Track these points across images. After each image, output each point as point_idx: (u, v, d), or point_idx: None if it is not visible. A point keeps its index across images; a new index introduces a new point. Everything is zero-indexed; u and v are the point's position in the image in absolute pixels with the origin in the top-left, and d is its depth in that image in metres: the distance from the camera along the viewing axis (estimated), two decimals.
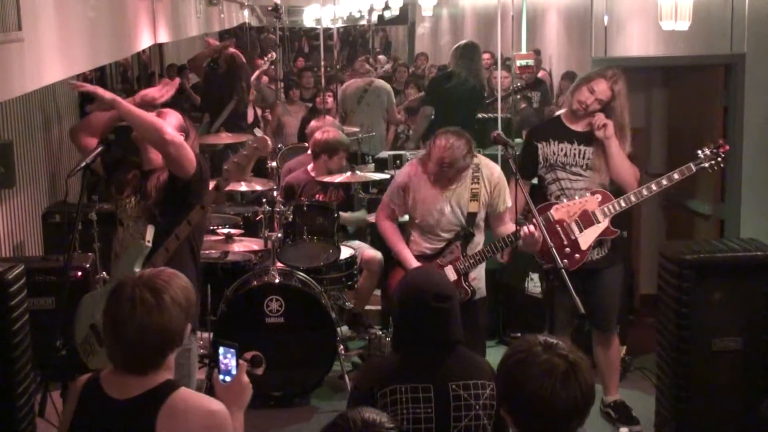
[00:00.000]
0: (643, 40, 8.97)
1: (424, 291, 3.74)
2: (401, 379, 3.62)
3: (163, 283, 3.02)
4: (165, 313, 2.96)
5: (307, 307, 6.45)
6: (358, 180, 7.55)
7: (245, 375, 3.21)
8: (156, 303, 2.96)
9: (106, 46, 7.07)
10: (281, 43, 21.30)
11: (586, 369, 2.67)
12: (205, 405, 3.00)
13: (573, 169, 5.78)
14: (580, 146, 5.79)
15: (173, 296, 3.00)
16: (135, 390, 2.99)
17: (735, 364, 5.36)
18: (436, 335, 3.71)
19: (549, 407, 2.61)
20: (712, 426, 5.36)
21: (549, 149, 5.84)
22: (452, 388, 3.62)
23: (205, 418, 2.96)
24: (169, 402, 2.96)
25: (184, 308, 3.02)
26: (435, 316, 3.69)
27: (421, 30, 24.49)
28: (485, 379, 3.69)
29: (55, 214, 8.43)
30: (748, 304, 5.34)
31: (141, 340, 2.95)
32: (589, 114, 5.74)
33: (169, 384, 3.01)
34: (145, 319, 2.94)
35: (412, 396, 3.59)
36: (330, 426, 2.68)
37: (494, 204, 5.49)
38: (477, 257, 5.44)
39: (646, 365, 6.74)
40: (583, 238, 5.62)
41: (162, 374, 3.02)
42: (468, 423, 3.61)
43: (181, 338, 3.05)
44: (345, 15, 25.05)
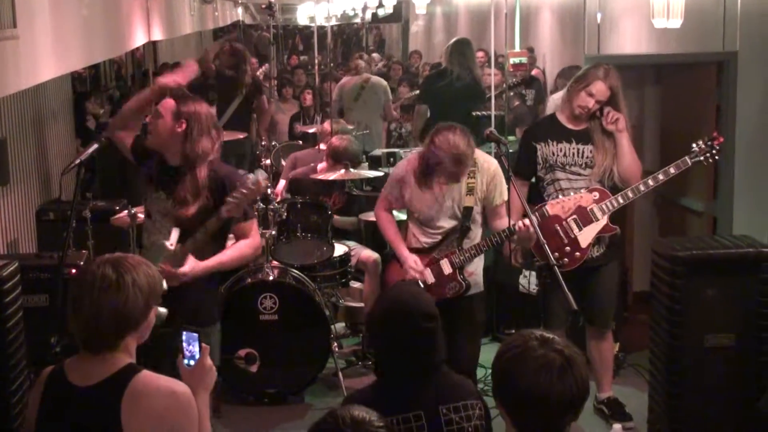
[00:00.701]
0: (635, 37, 8.98)
1: (412, 312, 3.56)
2: (391, 410, 3.34)
3: (129, 265, 3.06)
4: (122, 292, 3.00)
5: (301, 304, 6.46)
6: (351, 177, 7.56)
7: (208, 358, 3.26)
8: (115, 281, 3.00)
9: (101, 43, 7.08)
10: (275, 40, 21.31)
11: (581, 364, 2.69)
12: (168, 386, 3.03)
13: (572, 169, 5.81)
14: (579, 145, 5.81)
15: (135, 279, 3.03)
16: (97, 376, 3.02)
17: (728, 361, 5.37)
18: (424, 356, 3.54)
19: (545, 401, 2.63)
20: (705, 422, 5.38)
21: (548, 150, 5.85)
22: (443, 412, 3.47)
23: (168, 399, 2.99)
24: (131, 386, 2.99)
25: (144, 293, 3.05)
26: (423, 337, 3.54)
27: (414, 28, 24.47)
28: (473, 398, 3.57)
29: (48, 212, 8.43)
30: (740, 300, 5.36)
31: (97, 316, 2.98)
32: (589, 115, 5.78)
33: (130, 368, 3.04)
34: (102, 295, 2.98)
35: (404, 427, 3.42)
36: (319, 423, 2.69)
37: (490, 197, 5.49)
38: (472, 251, 5.45)
39: (639, 362, 6.75)
40: (583, 236, 5.65)
41: (121, 358, 3.05)
42: None
43: (138, 323, 3.07)
44: (339, 13, 25.05)
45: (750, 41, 7.06)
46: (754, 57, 7.02)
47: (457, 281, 5.46)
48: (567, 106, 5.90)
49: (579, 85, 5.82)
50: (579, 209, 5.56)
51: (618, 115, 5.69)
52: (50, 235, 8.19)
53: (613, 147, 5.78)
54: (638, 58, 8.43)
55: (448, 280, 5.44)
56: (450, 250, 5.47)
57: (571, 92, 5.87)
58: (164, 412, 2.98)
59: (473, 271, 5.55)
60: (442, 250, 5.48)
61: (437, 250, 5.49)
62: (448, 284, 5.45)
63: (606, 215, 5.68)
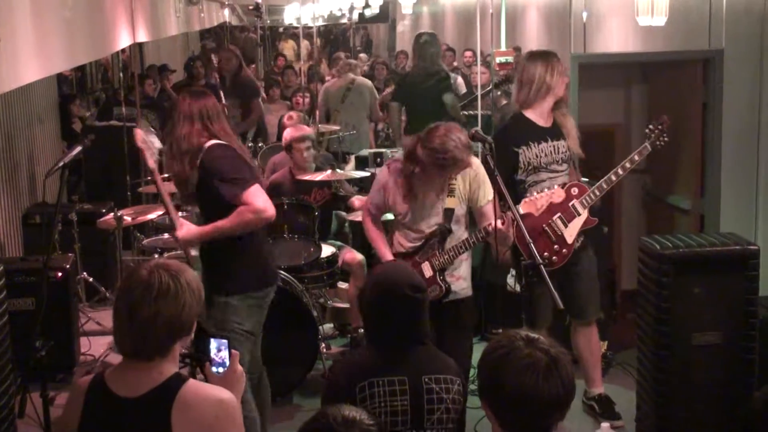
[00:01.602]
0: (622, 36, 8.99)
1: (399, 281, 3.80)
2: (378, 372, 3.69)
3: (178, 269, 3.05)
4: (180, 296, 2.99)
5: (288, 305, 6.43)
6: (337, 178, 7.55)
7: (238, 364, 3.24)
8: (173, 285, 2.98)
9: (84, 45, 7.04)
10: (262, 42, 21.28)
11: (567, 363, 2.68)
12: (215, 394, 3.02)
13: (552, 167, 5.83)
14: (554, 142, 5.86)
15: (189, 283, 3.03)
16: (144, 386, 2.99)
17: (715, 358, 5.38)
18: (409, 326, 3.79)
19: (531, 401, 2.61)
20: (693, 420, 5.38)
21: (531, 152, 5.84)
22: (425, 381, 3.70)
23: (216, 407, 2.98)
24: (180, 396, 2.96)
25: (197, 297, 3.05)
26: (410, 306, 3.77)
27: (401, 28, 24.48)
28: (454, 374, 3.79)
29: (35, 215, 8.42)
30: (727, 298, 5.37)
31: (154, 322, 2.95)
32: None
33: (177, 377, 3.02)
34: (161, 301, 2.96)
35: (389, 389, 3.67)
36: (310, 423, 2.68)
37: (474, 198, 5.42)
38: (451, 253, 5.40)
39: (627, 361, 6.76)
40: (568, 231, 5.70)
41: (169, 366, 3.03)
42: (440, 416, 3.70)
43: (190, 328, 3.07)
44: (326, 13, 25.04)
45: (736, 39, 7.06)
46: (740, 54, 7.02)
47: (437, 284, 5.42)
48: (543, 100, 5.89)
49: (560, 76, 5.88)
50: (553, 206, 5.57)
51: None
52: (36, 238, 8.18)
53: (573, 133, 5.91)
54: (624, 57, 8.44)
55: (429, 283, 5.39)
56: (431, 253, 5.44)
57: (550, 87, 5.86)
58: (213, 421, 2.97)
59: (460, 275, 5.51)
60: (424, 254, 5.45)
61: (419, 253, 5.46)
62: (429, 287, 5.40)
63: (586, 209, 5.74)
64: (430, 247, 5.43)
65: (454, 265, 5.46)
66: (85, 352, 7.28)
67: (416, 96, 9.76)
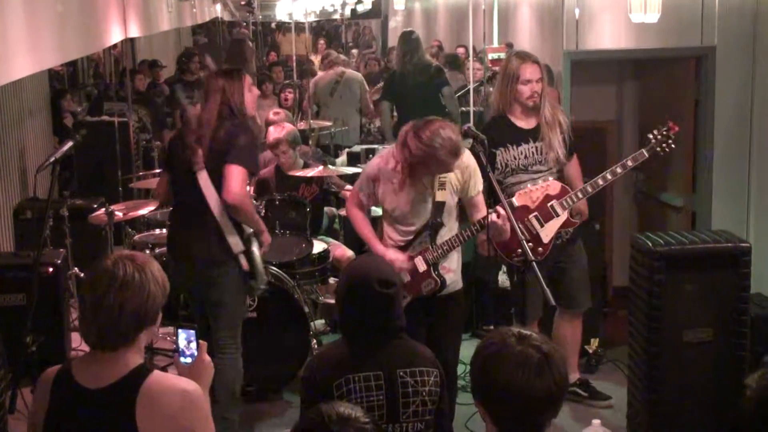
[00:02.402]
0: (614, 33, 8.97)
1: (368, 276, 3.79)
2: (353, 368, 3.69)
3: (144, 261, 3.08)
4: (145, 286, 3.01)
5: (280, 301, 6.43)
6: (329, 174, 7.54)
7: (206, 354, 3.25)
8: (138, 276, 3.01)
9: (76, 40, 7.02)
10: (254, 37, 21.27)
11: (559, 360, 2.66)
12: (180, 385, 3.02)
13: (534, 168, 5.86)
14: (537, 143, 5.87)
15: (153, 273, 3.05)
16: (109, 377, 3.00)
17: (706, 355, 5.39)
18: (381, 321, 3.78)
19: (523, 398, 2.60)
20: (684, 416, 5.39)
21: (509, 155, 5.87)
22: (400, 375, 3.71)
23: (181, 397, 2.99)
24: (145, 387, 2.97)
25: (161, 288, 3.07)
26: (379, 301, 3.75)
27: (393, 23, 24.45)
28: (429, 366, 3.79)
29: (26, 210, 8.40)
30: (718, 294, 5.37)
31: (119, 311, 2.97)
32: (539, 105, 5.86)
33: (142, 368, 3.03)
34: (125, 291, 2.98)
35: (365, 384, 3.67)
36: (305, 421, 2.67)
37: (465, 189, 5.38)
38: (445, 246, 5.37)
39: (618, 357, 6.76)
40: (544, 231, 5.67)
41: (134, 357, 3.04)
42: (416, 409, 3.71)
43: (155, 318, 3.08)
44: (318, 9, 25.02)
45: (728, 36, 7.07)
46: (733, 51, 7.03)
47: (432, 278, 5.40)
48: (515, 105, 5.91)
49: (512, 83, 5.87)
50: (546, 198, 5.56)
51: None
52: (28, 233, 8.17)
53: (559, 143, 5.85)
54: (617, 53, 8.43)
55: (424, 277, 5.39)
56: (423, 247, 5.41)
57: (511, 92, 5.88)
58: (178, 411, 2.97)
59: (450, 267, 5.48)
60: (416, 248, 5.41)
61: (411, 247, 5.43)
62: (423, 282, 5.39)
63: (566, 210, 5.71)
64: (422, 241, 5.41)
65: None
66: (75, 347, 7.25)
67: (406, 93, 9.74)
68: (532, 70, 5.84)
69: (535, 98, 5.83)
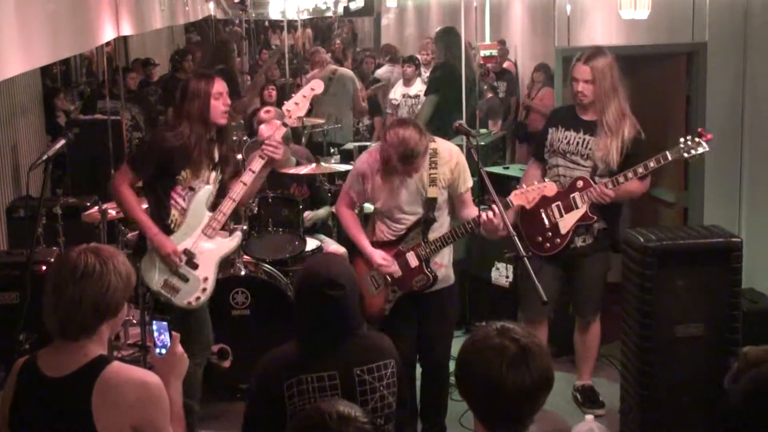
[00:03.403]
0: (606, 29, 9.01)
1: (317, 279, 3.68)
2: (306, 368, 3.60)
3: (109, 253, 3.09)
4: (105, 277, 3.03)
5: (273, 299, 6.42)
6: (322, 171, 7.53)
7: (179, 346, 3.28)
8: (99, 267, 3.02)
9: (68, 38, 7.01)
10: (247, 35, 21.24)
11: (539, 354, 2.64)
12: (139, 377, 3.05)
13: (572, 158, 5.89)
14: (585, 135, 5.90)
15: (116, 266, 3.07)
16: (69, 367, 3.03)
17: (698, 350, 5.39)
18: (333, 323, 3.68)
19: (496, 389, 2.60)
20: (677, 411, 5.40)
21: (556, 135, 6.01)
22: (357, 373, 3.64)
23: (138, 390, 3.01)
24: (102, 377, 3.00)
25: (123, 281, 3.08)
26: (328, 303, 3.64)
27: (385, 21, 24.45)
28: (387, 357, 3.72)
29: (19, 209, 8.39)
30: (710, 290, 5.38)
31: (79, 301, 3.00)
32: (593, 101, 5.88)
33: (102, 359, 3.05)
34: (85, 281, 3.00)
35: (318, 385, 3.58)
36: (303, 419, 2.68)
37: (454, 185, 5.41)
38: (438, 243, 5.40)
39: (612, 353, 6.77)
40: (563, 222, 5.78)
41: (95, 348, 3.06)
42: (375, 405, 3.64)
43: (116, 310, 3.09)
44: (311, 7, 25.01)
45: (719, 32, 7.09)
46: (724, 47, 7.04)
47: (424, 274, 5.42)
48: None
49: (570, 80, 6.02)
50: (546, 198, 5.58)
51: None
52: (20, 231, 8.16)
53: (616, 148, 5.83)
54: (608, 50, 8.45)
55: (415, 273, 5.41)
56: (416, 242, 5.42)
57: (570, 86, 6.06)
58: (135, 403, 2.99)
59: (442, 263, 5.51)
60: (408, 243, 5.44)
61: (403, 242, 5.45)
62: (415, 277, 5.42)
63: (586, 204, 5.76)
64: (415, 237, 5.42)
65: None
66: None
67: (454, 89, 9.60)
68: (580, 70, 5.91)
69: (581, 97, 5.89)
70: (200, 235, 5.40)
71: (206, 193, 5.42)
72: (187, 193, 5.39)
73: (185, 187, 5.38)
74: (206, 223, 5.41)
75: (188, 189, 5.39)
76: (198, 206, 5.41)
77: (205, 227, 5.40)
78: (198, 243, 5.41)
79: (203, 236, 5.40)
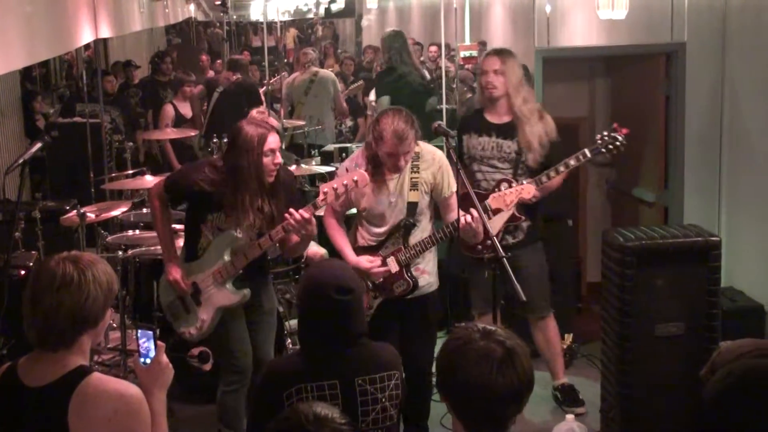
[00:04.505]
0: (585, 30, 9.03)
1: (325, 284, 3.66)
2: (306, 378, 3.57)
3: (88, 262, 3.04)
4: (83, 288, 2.98)
5: None
6: (303, 173, 7.53)
7: (164, 355, 3.24)
8: (77, 277, 2.98)
9: (45, 41, 6.97)
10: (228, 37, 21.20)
11: (523, 355, 2.66)
12: (117, 389, 3.00)
13: (490, 162, 5.94)
14: (498, 139, 5.96)
15: (95, 275, 3.01)
16: (48, 377, 2.99)
17: (677, 349, 5.40)
18: (339, 329, 3.65)
19: (486, 394, 2.60)
20: (656, 410, 5.41)
21: (470, 142, 6.05)
22: (358, 383, 3.60)
23: (116, 402, 2.96)
24: (80, 388, 2.96)
25: (104, 291, 3.03)
26: (336, 309, 3.62)
27: (365, 22, 24.46)
28: (390, 369, 3.68)
29: None
30: (689, 289, 5.39)
31: (56, 312, 2.95)
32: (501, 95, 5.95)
33: (81, 369, 3.01)
34: (63, 292, 2.96)
35: (318, 394, 3.55)
36: (281, 421, 2.67)
37: (438, 189, 5.39)
38: (418, 247, 5.38)
39: (592, 352, 6.79)
40: (492, 224, 5.67)
41: (74, 359, 3.02)
42: (375, 416, 3.61)
43: (95, 321, 3.05)
44: (292, 8, 24.98)
45: (698, 32, 7.10)
46: (703, 48, 7.06)
47: (405, 279, 5.40)
48: (484, 99, 6.09)
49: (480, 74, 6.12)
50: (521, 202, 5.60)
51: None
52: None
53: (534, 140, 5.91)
54: (588, 50, 8.48)
55: (396, 278, 5.38)
56: (396, 247, 5.41)
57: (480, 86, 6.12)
58: (113, 416, 2.94)
59: (425, 269, 5.48)
60: (389, 248, 5.41)
61: (383, 248, 5.43)
62: (396, 282, 5.39)
63: (512, 205, 5.74)
64: (395, 242, 5.41)
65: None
66: None
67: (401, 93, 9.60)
68: (490, 61, 5.99)
69: (491, 89, 5.93)
70: (210, 276, 5.33)
71: (229, 239, 5.25)
72: (215, 232, 5.30)
73: (214, 227, 5.29)
74: (217, 268, 5.30)
75: (216, 228, 5.29)
76: (217, 249, 5.29)
77: (215, 272, 5.31)
78: (207, 282, 5.33)
79: (212, 278, 5.33)
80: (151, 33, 21.35)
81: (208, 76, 14.27)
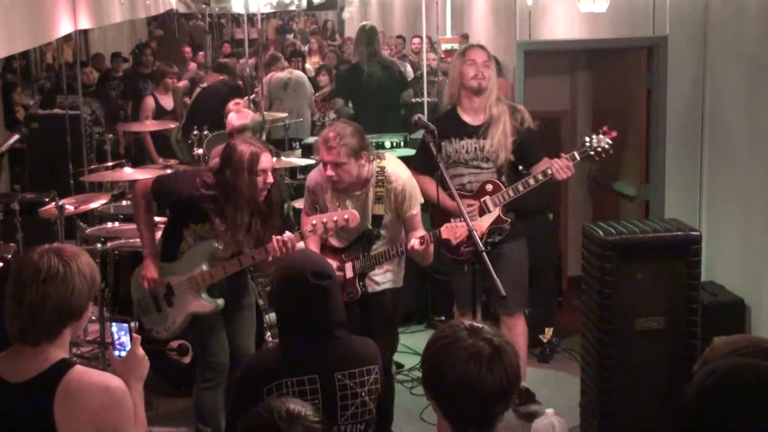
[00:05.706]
0: (567, 23, 9.03)
1: (301, 270, 3.64)
2: (286, 372, 3.54)
3: (72, 254, 3.01)
4: (69, 280, 2.95)
5: None
6: (283, 166, 7.50)
7: (139, 348, 3.22)
8: (62, 270, 2.95)
9: (22, 32, 6.91)
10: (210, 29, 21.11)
11: (511, 353, 2.63)
12: (101, 381, 2.97)
13: (474, 164, 5.89)
14: (479, 140, 5.90)
15: (80, 267, 2.99)
16: (30, 372, 2.95)
17: (657, 344, 5.40)
18: (318, 316, 3.61)
19: (475, 392, 2.57)
20: (636, 404, 5.41)
21: (451, 147, 5.95)
22: (338, 378, 3.58)
23: (101, 394, 2.94)
24: (64, 381, 2.93)
25: (88, 282, 3.01)
26: (314, 294, 3.60)
27: (346, 14, 24.41)
28: (369, 364, 3.66)
29: None
30: (669, 283, 5.39)
31: (42, 305, 2.92)
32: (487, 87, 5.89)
33: (64, 363, 2.98)
34: (48, 284, 2.93)
35: (299, 389, 3.52)
36: (254, 417, 2.64)
37: (400, 210, 5.39)
38: (374, 259, 5.37)
39: (573, 347, 6.79)
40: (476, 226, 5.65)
41: (57, 352, 2.99)
42: (355, 411, 3.60)
43: (80, 313, 3.03)
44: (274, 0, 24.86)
45: (680, 26, 7.11)
46: (684, 41, 7.07)
47: (355, 287, 5.37)
48: (463, 94, 5.98)
49: (460, 64, 5.96)
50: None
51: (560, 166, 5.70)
52: None
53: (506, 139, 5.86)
54: (569, 44, 8.47)
55: (348, 284, 5.36)
56: (356, 254, 5.40)
57: (457, 77, 5.99)
58: (98, 408, 2.93)
59: (388, 267, 5.47)
60: (351, 253, 5.41)
61: (347, 252, 5.42)
62: (346, 288, 5.34)
63: (498, 207, 5.79)
64: (356, 249, 5.40)
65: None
66: None
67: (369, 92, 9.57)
68: (478, 53, 5.95)
69: (479, 79, 5.86)
70: (186, 281, 5.29)
71: (210, 249, 5.24)
72: (196, 239, 5.27)
73: (196, 234, 5.27)
74: (193, 275, 5.26)
75: (198, 236, 5.27)
76: (196, 256, 5.28)
77: (191, 278, 5.27)
78: (182, 286, 5.30)
79: (187, 283, 5.29)
80: (133, 25, 21.25)
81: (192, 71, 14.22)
